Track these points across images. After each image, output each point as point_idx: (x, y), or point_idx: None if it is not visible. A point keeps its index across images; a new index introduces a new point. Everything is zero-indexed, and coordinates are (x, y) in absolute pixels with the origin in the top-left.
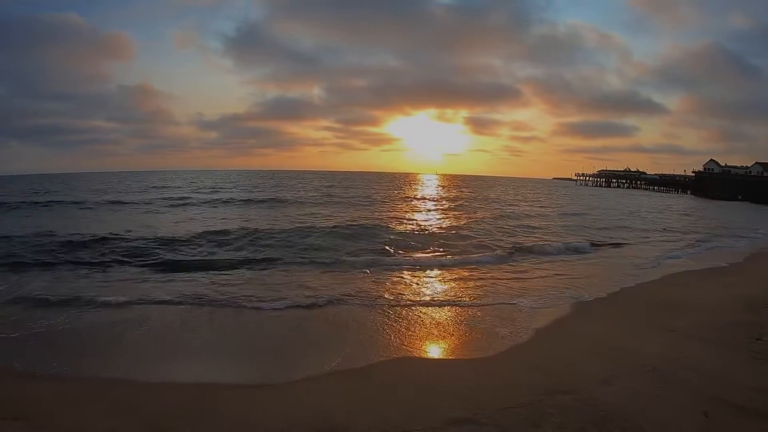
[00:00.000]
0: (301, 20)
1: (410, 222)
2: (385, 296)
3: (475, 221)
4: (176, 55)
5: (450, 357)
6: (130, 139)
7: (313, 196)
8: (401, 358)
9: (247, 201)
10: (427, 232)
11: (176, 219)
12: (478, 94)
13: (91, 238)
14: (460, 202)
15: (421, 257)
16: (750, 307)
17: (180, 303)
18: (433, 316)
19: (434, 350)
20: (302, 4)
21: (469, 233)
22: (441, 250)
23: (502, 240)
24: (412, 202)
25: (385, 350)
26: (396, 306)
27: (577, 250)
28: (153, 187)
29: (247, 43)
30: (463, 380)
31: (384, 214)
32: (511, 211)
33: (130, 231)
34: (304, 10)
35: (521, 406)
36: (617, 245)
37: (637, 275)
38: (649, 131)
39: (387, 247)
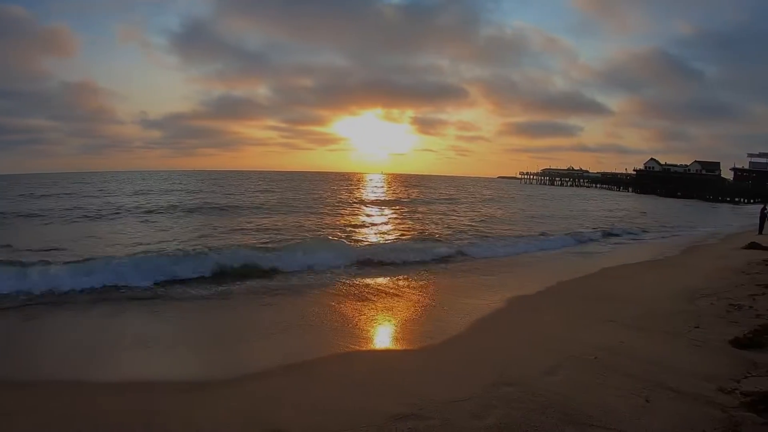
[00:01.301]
0: (249, 17)
1: (363, 225)
2: (329, 292)
3: (429, 220)
4: (120, 50)
5: (394, 352)
6: (72, 139)
7: (265, 201)
8: (346, 353)
9: (192, 208)
10: (379, 232)
11: (109, 231)
12: (424, 94)
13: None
14: (415, 207)
15: (369, 257)
16: (687, 297)
17: (109, 301)
18: (377, 312)
19: (378, 345)
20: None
21: (423, 229)
22: (390, 247)
23: (448, 238)
24: (367, 205)
25: (329, 346)
26: (340, 302)
27: (520, 251)
28: (99, 191)
29: (193, 40)
30: (407, 375)
31: (338, 218)
32: (456, 211)
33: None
34: (252, 7)
35: (466, 399)
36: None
37: (576, 269)
38: (592, 131)
39: (341, 249)
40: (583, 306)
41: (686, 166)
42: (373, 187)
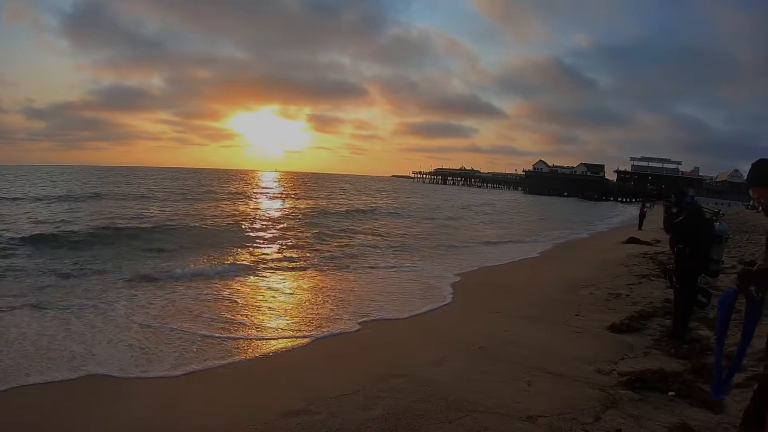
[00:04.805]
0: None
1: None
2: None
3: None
4: (6, 31)
5: (286, 348)
6: None
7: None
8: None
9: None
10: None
11: None
12: (323, 92)
13: None
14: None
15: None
16: (569, 288)
17: None
18: (267, 309)
19: (270, 343)
20: None
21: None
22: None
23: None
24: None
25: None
26: (225, 300)
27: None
28: None
29: (86, 22)
30: (299, 370)
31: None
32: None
33: None
34: None
35: (355, 393)
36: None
37: (462, 265)
38: (486, 133)
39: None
40: (470, 299)
41: (573, 167)
42: (269, 191)
